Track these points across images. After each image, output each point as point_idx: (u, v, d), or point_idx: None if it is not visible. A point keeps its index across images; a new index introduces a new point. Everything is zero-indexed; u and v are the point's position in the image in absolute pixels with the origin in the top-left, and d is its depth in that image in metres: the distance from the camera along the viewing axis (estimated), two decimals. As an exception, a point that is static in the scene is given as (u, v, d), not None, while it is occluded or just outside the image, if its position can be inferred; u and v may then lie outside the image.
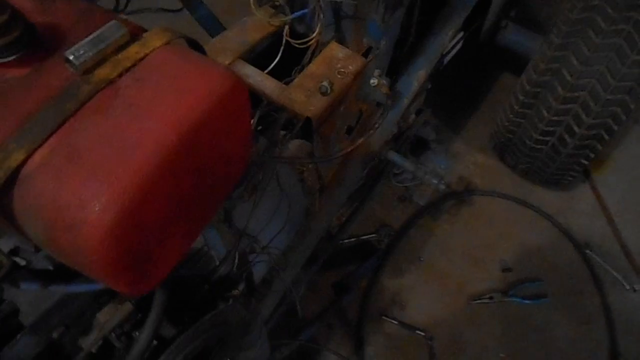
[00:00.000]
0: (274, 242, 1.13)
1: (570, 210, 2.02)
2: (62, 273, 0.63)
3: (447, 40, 1.48)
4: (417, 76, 1.43)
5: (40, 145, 0.49)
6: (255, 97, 1.09)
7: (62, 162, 0.48)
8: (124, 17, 0.59)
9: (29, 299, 0.65)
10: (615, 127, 1.54)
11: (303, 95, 1.06)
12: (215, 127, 0.55)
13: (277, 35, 1.19)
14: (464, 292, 1.83)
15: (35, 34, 0.54)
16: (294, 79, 1.11)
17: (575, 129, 1.56)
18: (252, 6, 1.13)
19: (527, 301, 1.80)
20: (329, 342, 1.71)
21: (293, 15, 1.17)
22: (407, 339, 1.73)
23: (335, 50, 1.15)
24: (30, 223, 0.50)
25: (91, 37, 0.53)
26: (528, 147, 1.73)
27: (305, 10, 1.19)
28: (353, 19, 1.23)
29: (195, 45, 0.62)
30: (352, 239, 1.88)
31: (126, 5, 1.03)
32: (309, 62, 1.17)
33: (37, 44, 0.54)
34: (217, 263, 0.88)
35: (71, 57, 0.52)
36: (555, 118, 1.58)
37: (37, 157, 0.49)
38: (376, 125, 1.09)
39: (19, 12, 0.52)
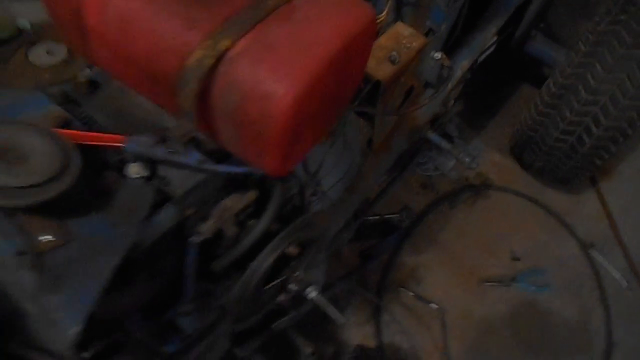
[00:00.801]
0: (330, 191, 1.30)
1: (577, 212, 2.21)
2: (215, 156, 0.79)
3: (489, 37, 1.69)
4: (461, 65, 1.63)
5: (240, 38, 0.67)
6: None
7: (259, 50, 0.66)
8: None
9: (180, 175, 0.82)
10: (630, 132, 1.75)
11: (375, 61, 1.24)
12: (360, 43, 0.73)
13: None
14: (476, 274, 2.01)
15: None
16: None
17: (594, 129, 1.77)
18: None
19: (532, 287, 1.98)
20: (349, 306, 1.87)
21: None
22: (422, 309, 1.90)
23: (402, 28, 1.34)
24: (227, 97, 0.67)
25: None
26: (548, 145, 1.92)
27: (377, -7, 1.38)
28: (416, 5, 1.42)
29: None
30: (377, 217, 2.05)
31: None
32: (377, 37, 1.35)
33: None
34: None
35: (265, -24, 0.69)
36: (576, 119, 1.78)
37: (239, 46, 0.67)
38: (450, 100, 1.27)
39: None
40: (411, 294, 1.92)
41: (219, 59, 0.66)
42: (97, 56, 0.78)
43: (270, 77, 0.65)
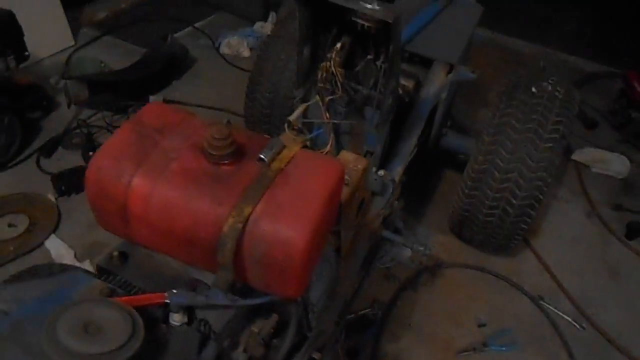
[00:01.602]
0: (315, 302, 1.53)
1: (521, 272, 2.56)
2: (242, 292, 1.02)
3: (414, 144, 2.07)
4: (397, 172, 1.98)
5: (257, 204, 0.94)
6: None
7: (273, 210, 0.93)
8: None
9: (214, 314, 1.03)
10: (541, 197, 2.14)
11: (332, 186, 1.55)
12: (337, 187, 1.02)
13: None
14: (451, 347, 2.24)
15: (237, 149, 1.00)
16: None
17: (513, 201, 2.15)
18: (286, 129, 1.65)
19: (503, 348, 2.23)
20: (348, 406, 2.01)
21: (311, 135, 1.70)
22: (413, 392, 2.07)
23: (347, 155, 1.66)
24: (256, 248, 0.92)
25: (268, 145, 1.00)
26: (481, 221, 2.28)
27: (321, 130, 1.73)
28: (351, 134, 1.78)
29: (310, 146, 1.11)
30: (352, 315, 2.26)
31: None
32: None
33: (237, 154, 1.00)
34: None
35: (263, 157, 0.98)
36: (497, 195, 2.17)
37: (258, 210, 0.93)
38: (393, 201, 1.58)
39: (235, 137, 0.99)
40: (400, 379, 2.10)
41: (246, 222, 0.91)
42: (139, 235, 1.01)
43: (285, 228, 0.91)
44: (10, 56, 2.70)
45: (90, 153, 2.77)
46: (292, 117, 1.66)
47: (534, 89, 2.18)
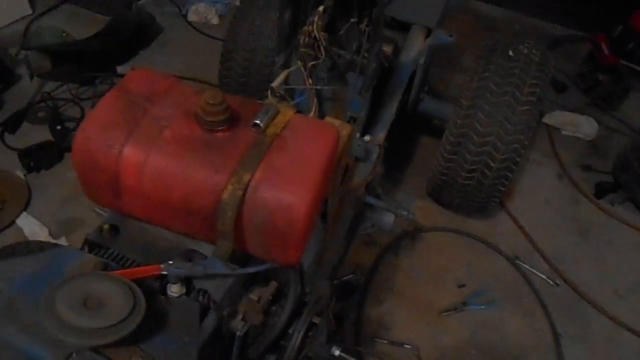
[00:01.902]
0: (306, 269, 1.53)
1: (496, 233, 2.63)
2: (240, 260, 1.01)
3: (394, 110, 2.07)
4: (379, 137, 1.98)
5: (256, 170, 0.92)
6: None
7: (272, 176, 0.92)
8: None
9: (213, 284, 1.01)
10: (518, 159, 2.19)
11: (318, 153, 1.54)
12: (333, 152, 1.01)
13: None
14: (434, 308, 2.30)
15: (231, 115, 0.98)
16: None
17: (492, 164, 2.19)
18: (269, 96, 1.62)
19: (482, 306, 2.31)
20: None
21: (296, 101, 1.68)
22: (398, 352, 2.13)
23: (332, 121, 1.65)
24: (257, 215, 0.91)
25: (262, 111, 0.98)
26: (459, 184, 2.32)
27: (303, 97, 1.70)
28: (334, 100, 1.76)
29: (300, 111, 1.09)
30: (336, 281, 2.29)
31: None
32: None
33: (231, 120, 0.98)
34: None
35: (258, 122, 0.96)
36: (476, 158, 2.20)
37: (257, 176, 0.92)
38: (376, 169, 1.58)
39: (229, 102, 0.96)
40: (385, 341, 2.15)
41: (245, 189, 0.90)
42: (132, 206, 0.98)
43: (286, 194, 0.90)
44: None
45: (58, 127, 2.67)
46: (274, 84, 1.62)
47: (510, 53, 2.20)
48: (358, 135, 1.74)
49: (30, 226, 2.33)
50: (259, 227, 0.92)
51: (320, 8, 1.57)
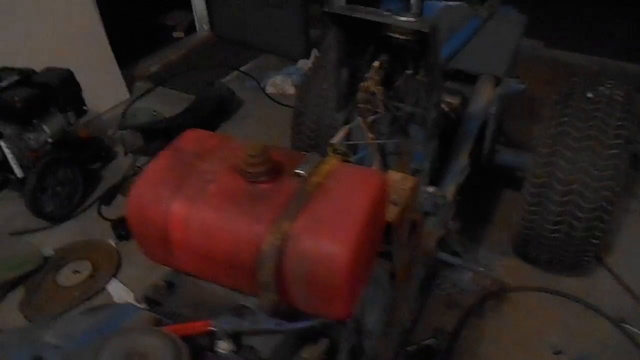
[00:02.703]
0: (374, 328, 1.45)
1: (595, 292, 2.36)
2: (288, 316, 0.97)
3: (465, 161, 1.99)
4: (449, 190, 1.90)
5: (296, 219, 0.90)
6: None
7: (313, 225, 0.89)
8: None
9: (262, 341, 0.98)
10: (610, 208, 1.98)
11: (380, 207, 1.49)
12: (379, 200, 0.97)
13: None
14: (526, 377, 2.06)
15: (274, 166, 0.98)
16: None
17: (579, 214, 2.00)
18: (329, 152, 1.62)
19: (586, 376, 2.04)
20: None
21: (356, 157, 1.67)
22: None
23: (393, 175, 1.61)
24: (298, 266, 0.88)
25: (306, 161, 0.97)
26: (546, 238, 2.14)
27: (365, 152, 1.69)
28: (398, 154, 1.73)
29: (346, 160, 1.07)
30: (414, 346, 2.14)
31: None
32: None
33: (274, 171, 0.98)
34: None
35: (301, 172, 0.95)
36: (561, 209, 2.03)
37: (297, 226, 0.89)
38: (447, 221, 1.50)
39: (272, 157, 0.96)
40: (473, 414, 1.94)
41: (285, 239, 0.88)
42: (180, 260, 0.99)
43: (328, 242, 0.87)
44: (70, 112, 2.85)
45: (146, 197, 2.85)
46: (334, 140, 1.63)
47: (589, 94, 2.06)
48: (425, 188, 1.68)
49: (118, 292, 2.45)
50: (302, 279, 0.89)
51: (376, 63, 1.58)
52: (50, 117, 2.78)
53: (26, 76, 2.75)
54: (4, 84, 2.66)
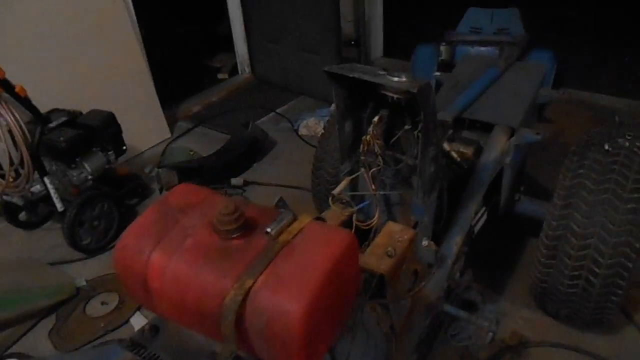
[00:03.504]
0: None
1: (624, 351, 2.24)
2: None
3: (473, 213, 1.99)
4: (455, 242, 1.90)
5: (259, 276, 0.96)
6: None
7: (273, 283, 0.94)
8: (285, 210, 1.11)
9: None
10: (630, 264, 1.91)
11: (375, 259, 1.52)
12: (344, 262, 1.01)
13: (348, 222, 1.71)
14: None
15: (246, 222, 1.05)
16: (364, 250, 1.59)
17: (596, 270, 1.94)
18: (330, 203, 1.68)
19: None
20: None
21: (358, 207, 1.71)
22: None
23: (393, 226, 1.65)
24: (257, 320, 0.93)
25: (277, 219, 1.04)
26: (563, 293, 2.08)
27: (367, 202, 1.74)
28: (401, 204, 1.76)
29: (320, 219, 1.12)
30: (423, 398, 2.11)
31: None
32: (374, 237, 1.66)
33: (247, 226, 1.05)
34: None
35: (269, 230, 1.01)
36: (576, 264, 1.98)
37: (259, 282, 0.95)
38: (433, 272, 1.51)
39: (242, 211, 1.04)
40: None
41: (247, 294, 0.94)
42: (159, 307, 1.07)
43: (284, 299, 0.92)
44: (110, 151, 3.06)
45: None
46: (335, 191, 1.69)
47: (607, 147, 2.03)
48: (424, 239, 1.69)
49: (139, 325, 2.56)
50: (261, 333, 0.94)
51: (376, 118, 1.64)
52: (92, 156, 3.00)
53: (73, 117, 2.99)
54: (53, 124, 2.90)
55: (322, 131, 3.90)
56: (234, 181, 3.40)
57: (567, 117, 3.83)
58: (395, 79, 1.42)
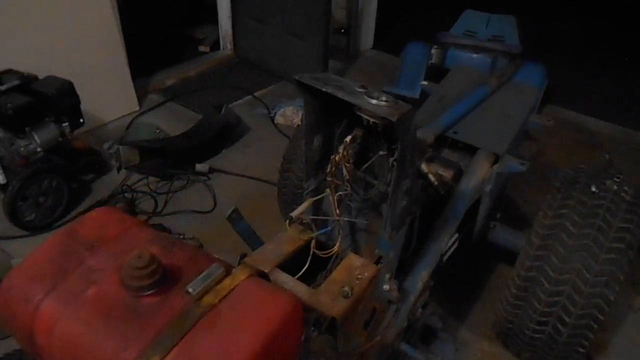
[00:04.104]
0: None
1: (581, 398, 2.11)
2: None
3: (444, 245, 1.81)
4: (421, 276, 1.72)
5: (168, 353, 0.75)
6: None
7: (184, 365, 0.74)
8: (217, 257, 0.90)
9: None
10: (601, 317, 1.77)
11: (328, 298, 1.33)
12: (282, 336, 0.81)
13: (305, 247, 1.50)
14: None
15: (165, 275, 0.84)
16: (321, 283, 1.39)
17: (566, 319, 1.79)
18: (286, 225, 1.47)
19: None
20: None
21: (318, 232, 1.51)
22: None
23: (353, 259, 1.45)
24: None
25: (202, 275, 0.83)
26: (528, 337, 1.93)
27: (328, 229, 1.53)
28: (366, 232, 1.56)
29: (263, 275, 0.92)
30: None
31: (163, 208, 1.35)
32: (332, 268, 1.46)
33: (164, 281, 0.84)
34: None
35: (190, 290, 0.80)
36: (546, 309, 1.82)
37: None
38: (389, 323, 1.33)
39: (159, 262, 0.82)
40: None
41: (149, 377, 0.73)
42: (47, 366, 0.86)
43: (193, 392, 0.71)
44: (65, 123, 2.79)
45: (127, 220, 2.76)
46: (294, 213, 1.48)
47: (594, 188, 1.86)
48: (387, 276, 1.51)
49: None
50: None
51: (348, 138, 1.43)
52: (44, 126, 2.72)
53: (26, 82, 2.70)
54: (3, 87, 2.61)
55: (299, 123, 3.69)
56: (199, 167, 3.16)
57: (551, 137, 3.67)
58: (374, 101, 1.20)
